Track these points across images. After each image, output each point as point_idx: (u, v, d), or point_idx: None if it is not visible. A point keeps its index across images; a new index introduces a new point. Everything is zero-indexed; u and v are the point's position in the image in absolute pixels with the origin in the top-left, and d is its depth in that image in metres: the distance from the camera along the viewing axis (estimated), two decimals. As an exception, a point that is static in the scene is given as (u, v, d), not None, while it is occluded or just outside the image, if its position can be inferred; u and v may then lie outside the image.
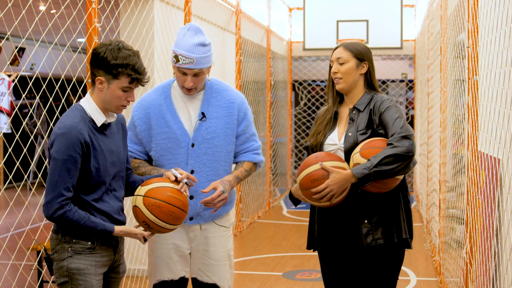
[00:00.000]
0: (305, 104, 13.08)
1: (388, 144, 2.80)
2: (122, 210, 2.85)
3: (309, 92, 13.64)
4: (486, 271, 3.33)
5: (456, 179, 5.07)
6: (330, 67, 3.10)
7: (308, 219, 3.25)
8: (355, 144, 2.92)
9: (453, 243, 5.26)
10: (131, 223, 3.20)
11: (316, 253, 3.25)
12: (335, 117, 3.08)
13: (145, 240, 2.76)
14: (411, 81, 12.53)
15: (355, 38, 10.46)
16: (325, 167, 2.81)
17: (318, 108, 13.65)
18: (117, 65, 2.62)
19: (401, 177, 2.92)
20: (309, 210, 3.23)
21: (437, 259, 6.08)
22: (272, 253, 6.96)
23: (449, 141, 5.61)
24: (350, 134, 2.96)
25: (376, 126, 2.93)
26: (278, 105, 11.21)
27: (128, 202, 4.32)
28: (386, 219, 2.94)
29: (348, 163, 2.91)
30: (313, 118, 12.97)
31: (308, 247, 3.18)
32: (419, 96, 10.50)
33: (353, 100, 3.06)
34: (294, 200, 3.11)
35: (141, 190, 2.76)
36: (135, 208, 2.75)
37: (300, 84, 12.97)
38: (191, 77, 2.98)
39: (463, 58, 4.51)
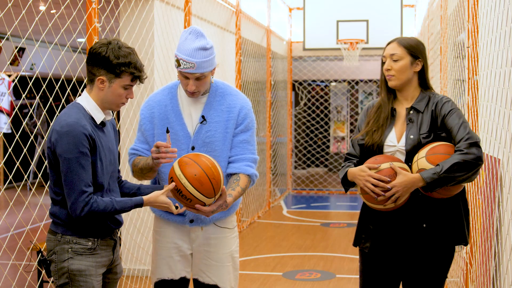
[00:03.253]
0: (305, 104, 13.08)
1: (456, 151, 2.73)
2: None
3: (309, 92, 13.65)
4: (486, 271, 3.32)
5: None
6: (383, 62, 3.00)
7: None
8: (416, 147, 2.84)
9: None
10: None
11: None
12: (392, 115, 2.97)
13: (177, 208, 2.75)
14: (411, 81, 12.53)
15: (355, 38, 10.46)
16: (395, 167, 2.74)
17: (318, 108, 13.66)
18: (119, 64, 2.62)
19: (465, 184, 2.85)
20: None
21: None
22: (272, 253, 6.96)
23: (449, 141, 5.60)
24: (411, 136, 2.87)
25: (438, 129, 2.85)
26: (278, 105, 11.21)
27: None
28: (447, 224, 2.88)
29: (409, 164, 2.84)
30: (313, 118, 12.99)
31: (356, 244, 3.10)
32: (419, 96, 10.49)
33: (408, 98, 2.97)
34: (347, 183, 2.98)
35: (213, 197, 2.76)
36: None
37: (300, 84, 12.96)
38: (193, 80, 2.96)
39: (463, 58, 4.51)
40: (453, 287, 4.83)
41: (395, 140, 2.92)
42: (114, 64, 2.62)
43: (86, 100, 2.71)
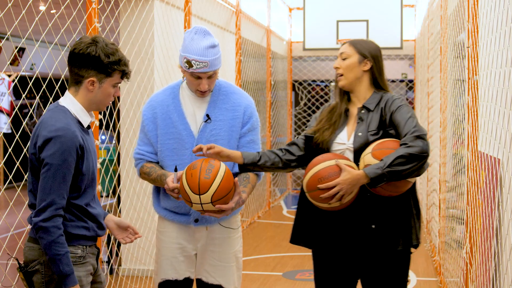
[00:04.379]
0: (305, 104, 13.08)
1: (401, 144, 2.70)
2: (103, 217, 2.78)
3: (309, 92, 13.64)
4: (486, 271, 3.33)
5: (456, 179, 5.07)
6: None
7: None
8: (365, 145, 2.82)
9: (453, 243, 5.26)
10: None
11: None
12: (345, 115, 2.98)
13: None
14: (411, 81, 12.53)
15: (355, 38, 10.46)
16: (340, 164, 2.69)
17: (318, 108, 13.65)
18: (110, 63, 2.52)
19: (413, 180, 2.82)
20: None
21: (437, 259, 6.08)
22: (272, 253, 6.96)
23: (449, 141, 5.61)
24: (360, 134, 2.86)
25: (387, 126, 2.84)
26: (278, 105, 11.21)
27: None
28: (395, 225, 2.85)
29: (358, 164, 2.80)
30: (313, 118, 12.99)
31: (294, 242, 3.05)
32: (419, 96, 10.50)
33: (360, 99, 2.96)
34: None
35: (205, 198, 2.77)
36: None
37: (300, 84, 12.97)
38: (206, 79, 2.97)
39: (463, 58, 4.51)
40: (453, 287, 4.83)
41: (345, 139, 2.90)
42: (105, 63, 2.51)
43: (71, 103, 2.57)
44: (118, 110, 6.09)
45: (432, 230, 7.01)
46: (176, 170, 2.89)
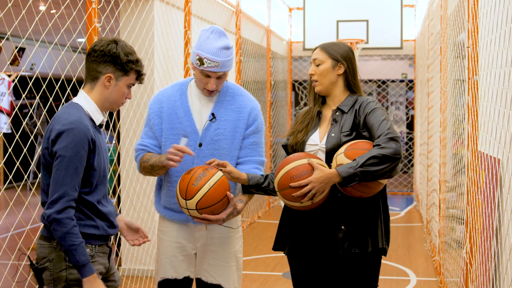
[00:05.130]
0: (305, 104, 13.07)
1: (375, 145, 2.72)
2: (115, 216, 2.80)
3: (309, 92, 13.64)
4: (486, 271, 3.33)
5: (456, 179, 5.07)
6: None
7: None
8: (338, 146, 2.85)
9: (453, 243, 5.27)
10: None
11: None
12: (317, 117, 3.01)
13: None
14: (411, 81, 12.53)
15: (355, 38, 10.46)
16: (312, 163, 2.71)
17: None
18: (129, 61, 2.61)
19: (385, 182, 2.84)
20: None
21: (437, 259, 6.08)
22: (272, 253, 6.96)
23: (449, 141, 5.61)
24: (333, 135, 2.89)
25: (360, 128, 2.86)
26: (278, 105, 11.21)
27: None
28: (364, 227, 2.86)
29: (330, 164, 2.82)
30: (313, 118, 13.01)
31: (276, 248, 3.10)
32: (419, 96, 10.51)
33: (335, 101, 3.00)
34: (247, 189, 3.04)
35: (191, 204, 2.83)
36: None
37: (300, 84, 12.96)
38: (215, 79, 3.00)
39: (463, 58, 4.51)
40: (453, 287, 4.83)
41: (318, 140, 2.95)
42: (124, 61, 2.60)
43: (85, 101, 2.63)
44: (118, 110, 6.10)
45: (432, 230, 7.00)
46: (186, 136, 2.97)
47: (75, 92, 2.97)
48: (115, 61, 2.59)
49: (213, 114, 3.07)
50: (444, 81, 5.80)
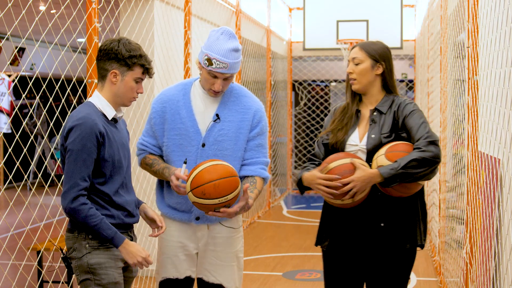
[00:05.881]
0: (305, 104, 13.07)
1: (415, 148, 2.80)
2: (136, 205, 2.93)
3: (309, 92, 13.64)
4: (486, 271, 3.33)
5: (456, 179, 5.08)
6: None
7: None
8: (377, 146, 2.91)
9: (453, 243, 5.27)
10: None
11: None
12: (356, 116, 3.05)
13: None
14: (411, 81, 12.53)
15: (355, 38, 10.46)
16: (355, 162, 2.80)
17: (318, 108, 13.66)
18: (132, 56, 2.74)
19: (423, 183, 2.92)
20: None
21: (437, 259, 6.08)
22: (272, 253, 6.96)
23: (449, 141, 5.61)
24: (373, 136, 2.94)
25: (399, 130, 2.93)
26: (278, 105, 11.21)
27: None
28: (404, 224, 2.95)
29: (370, 164, 2.89)
30: (313, 118, 13.00)
31: (318, 244, 3.15)
32: (419, 96, 10.50)
33: (372, 101, 3.05)
34: (302, 187, 3.04)
35: (186, 187, 2.87)
36: (194, 204, 2.88)
37: (300, 84, 12.97)
38: (221, 80, 3.01)
39: (463, 58, 4.51)
40: (453, 287, 4.83)
41: (358, 140, 3.00)
42: (126, 56, 2.73)
43: (97, 98, 2.79)
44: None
45: (432, 230, 7.01)
46: (185, 162, 2.97)
47: (75, 92, 3.00)
48: (118, 58, 2.74)
49: (217, 115, 3.08)
50: (444, 81, 5.80)
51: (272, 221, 9.16)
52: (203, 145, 3.05)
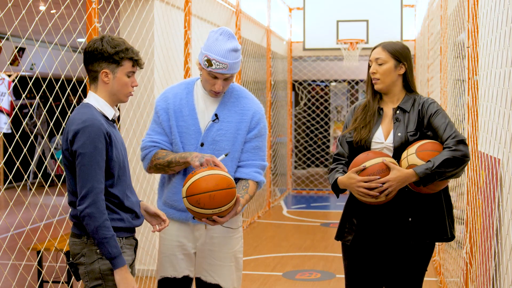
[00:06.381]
0: (305, 104, 13.07)
1: (445, 148, 2.88)
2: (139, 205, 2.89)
3: (309, 92, 13.64)
4: (486, 271, 3.33)
5: (456, 179, 5.07)
6: (369, 66, 3.14)
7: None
8: (404, 144, 2.98)
9: (453, 243, 5.27)
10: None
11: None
12: (378, 114, 3.11)
13: None
14: (411, 81, 12.51)
15: (355, 38, 10.46)
16: (387, 163, 2.87)
17: (318, 108, 13.66)
18: (118, 52, 2.68)
19: (450, 180, 3.01)
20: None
21: (437, 259, 6.08)
22: (272, 253, 6.96)
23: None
24: (399, 134, 3.01)
25: (424, 128, 3.00)
26: (278, 105, 11.21)
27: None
28: (431, 218, 3.03)
29: (398, 162, 2.96)
30: (313, 118, 13.01)
31: (338, 238, 3.21)
32: (419, 96, 10.49)
33: (393, 99, 3.11)
34: (338, 190, 3.09)
35: (182, 192, 2.87)
36: (189, 211, 2.88)
37: (300, 84, 12.96)
38: (222, 81, 3.02)
39: (463, 58, 4.51)
40: (453, 287, 4.83)
41: (382, 138, 3.06)
42: (112, 53, 2.68)
43: (94, 99, 2.74)
44: (118, 110, 6.09)
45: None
46: (227, 155, 2.98)
47: (75, 92, 3.00)
48: (104, 56, 2.68)
49: (216, 115, 3.08)
50: (444, 81, 5.80)
51: (272, 221, 9.16)
52: (202, 144, 3.06)
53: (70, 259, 2.73)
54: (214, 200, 2.78)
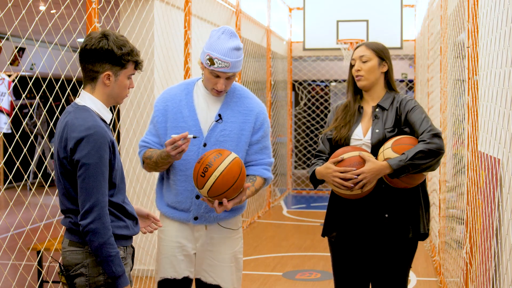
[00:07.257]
0: (305, 104, 13.07)
1: (420, 141, 2.96)
2: None
3: (309, 92, 13.64)
4: (486, 271, 3.33)
5: (456, 179, 5.08)
6: (351, 65, 3.22)
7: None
8: (381, 141, 3.06)
9: (453, 243, 5.27)
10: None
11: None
12: (358, 112, 3.19)
13: None
14: (411, 81, 12.53)
15: (355, 38, 10.46)
16: (364, 155, 2.94)
17: (318, 108, 13.66)
18: (124, 54, 2.51)
19: (426, 174, 3.08)
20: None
21: (437, 259, 6.08)
22: (272, 253, 6.96)
23: (449, 141, 5.61)
24: (377, 130, 3.09)
25: (402, 125, 3.09)
26: (278, 105, 11.21)
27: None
28: (407, 214, 3.09)
29: (376, 157, 3.03)
30: (313, 118, 13.01)
31: (324, 235, 3.30)
32: (419, 96, 10.50)
33: (374, 97, 3.20)
34: (316, 181, 3.17)
35: (203, 193, 2.91)
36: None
37: (300, 84, 12.96)
38: (224, 80, 3.01)
39: (463, 58, 4.51)
40: (453, 287, 4.83)
41: (361, 135, 3.15)
42: (118, 56, 2.50)
43: (91, 101, 2.55)
44: (118, 110, 6.10)
45: (432, 230, 7.00)
46: (194, 137, 2.99)
47: (75, 92, 2.98)
48: (110, 58, 2.50)
49: (219, 115, 3.08)
50: (444, 81, 5.80)
51: (272, 221, 9.16)
52: (205, 145, 3.05)
53: (64, 270, 2.52)
54: (237, 187, 2.89)
